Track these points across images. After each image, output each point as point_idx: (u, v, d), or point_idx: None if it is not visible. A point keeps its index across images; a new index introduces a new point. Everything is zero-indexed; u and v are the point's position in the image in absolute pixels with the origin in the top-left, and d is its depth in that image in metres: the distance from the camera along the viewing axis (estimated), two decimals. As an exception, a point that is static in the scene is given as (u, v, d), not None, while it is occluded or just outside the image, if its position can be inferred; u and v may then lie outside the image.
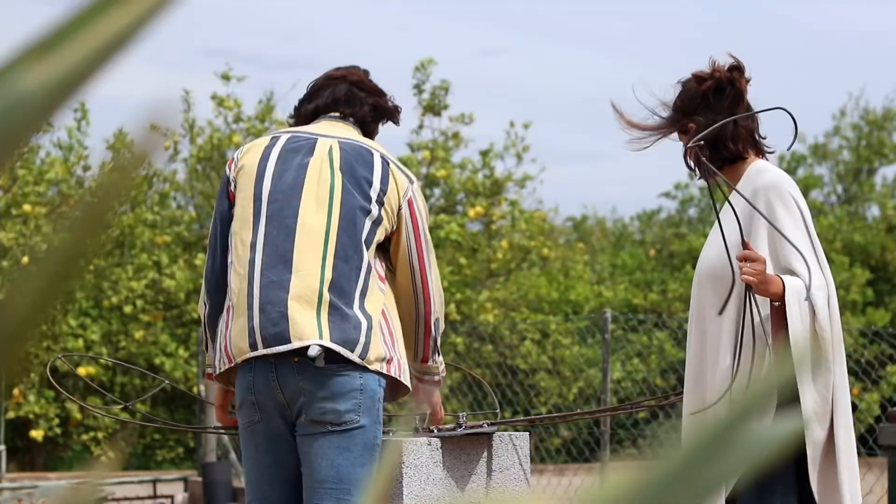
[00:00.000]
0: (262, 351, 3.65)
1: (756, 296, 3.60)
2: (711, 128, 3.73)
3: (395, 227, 3.84)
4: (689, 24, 39.89)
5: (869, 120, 20.16)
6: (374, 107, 4.01)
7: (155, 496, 10.98)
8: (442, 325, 4.04)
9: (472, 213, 14.71)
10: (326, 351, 3.64)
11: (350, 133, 3.93)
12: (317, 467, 3.69)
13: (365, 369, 3.68)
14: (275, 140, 3.88)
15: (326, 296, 3.66)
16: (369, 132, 4.01)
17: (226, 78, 14.88)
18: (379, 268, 3.81)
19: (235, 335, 3.70)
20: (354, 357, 3.64)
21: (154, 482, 11.15)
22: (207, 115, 15.89)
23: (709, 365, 3.71)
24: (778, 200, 3.67)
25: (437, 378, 4.05)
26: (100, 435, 14.23)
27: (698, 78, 3.86)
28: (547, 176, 36.43)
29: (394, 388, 3.85)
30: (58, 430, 14.09)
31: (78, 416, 14.21)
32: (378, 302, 3.76)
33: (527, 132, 15.31)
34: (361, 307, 3.71)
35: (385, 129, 4.12)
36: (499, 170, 15.29)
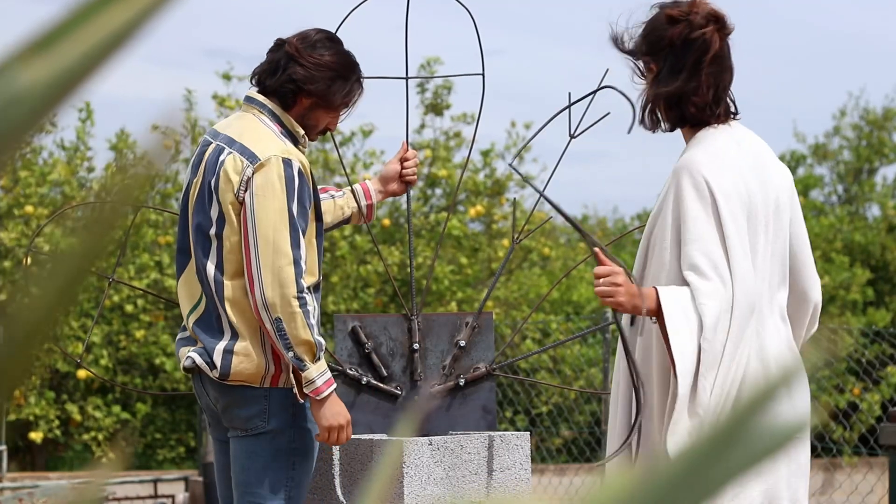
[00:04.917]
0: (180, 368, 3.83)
1: (623, 316, 3.19)
2: (667, 91, 3.23)
3: None
4: (690, 24, 39.85)
5: (869, 120, 20.14)
6: (292, 78, 3.68)
7: (156, 496, 10.98)
8: (295, 323, 3.53)
9: (472, 212, 14.70)
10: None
11: (242, 124, 3.71)
12: (233, 471, 3.78)
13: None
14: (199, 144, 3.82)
15: (192, 329, 3.73)
16: (290, 105, 3.73)
17: (227, 77, 14.87)
18: None
19: None
20: (213, 376, 3.69)
21: (155, 482, 11.15)
22: (209, 114, 15.87)
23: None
24: (688, 183, 3.13)
25: (314, 390, 3.61)
26: (100, 436, 14.23)
27: (669, 17, 3.26)
28: (547, 176, 36.49)
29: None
30: (58, 432, 14.09)
31: (78, 417, 14.21)
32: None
33: (528, 132, 15.32)
34: (229, 329, 3.68)
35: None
36: (500, 170, 15.29)
